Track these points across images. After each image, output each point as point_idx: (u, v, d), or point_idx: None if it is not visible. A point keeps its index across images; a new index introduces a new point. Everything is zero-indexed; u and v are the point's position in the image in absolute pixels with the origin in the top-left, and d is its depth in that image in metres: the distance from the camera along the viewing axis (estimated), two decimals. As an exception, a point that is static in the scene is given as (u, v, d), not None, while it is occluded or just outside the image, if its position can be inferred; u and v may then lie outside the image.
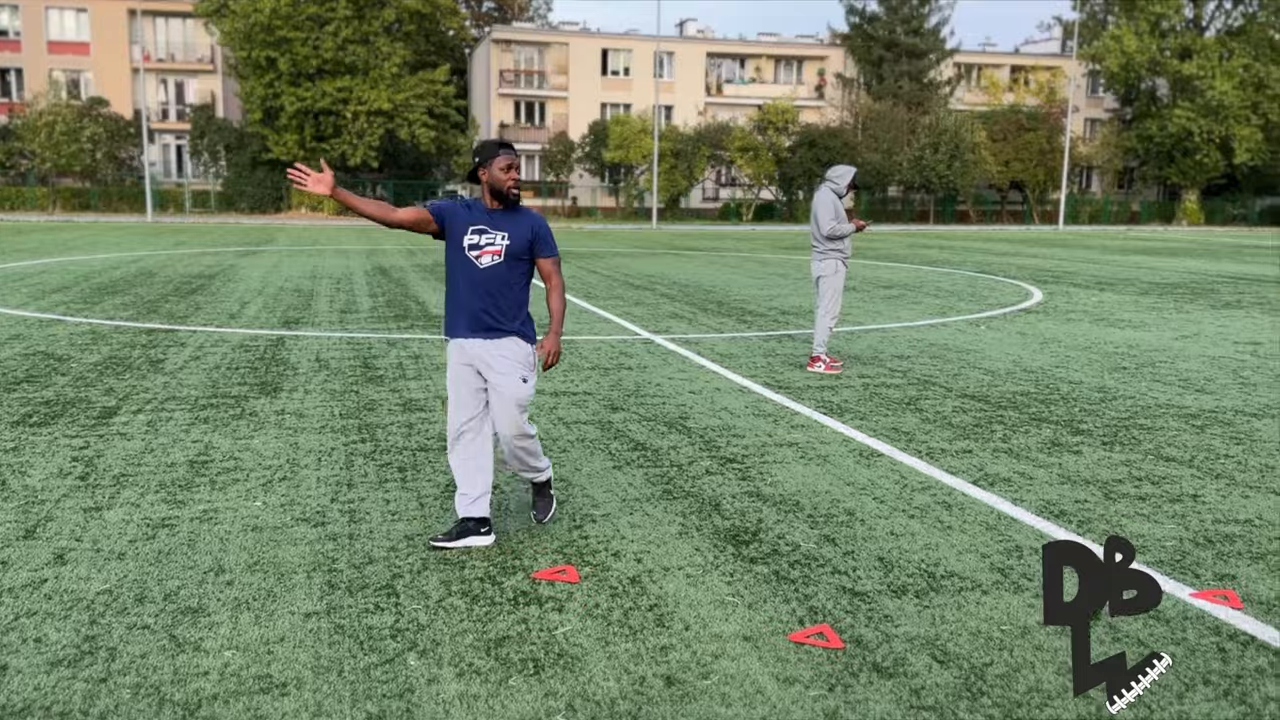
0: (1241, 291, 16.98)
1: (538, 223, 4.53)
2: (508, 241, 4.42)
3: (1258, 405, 7.59)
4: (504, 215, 4.47)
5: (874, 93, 59.78)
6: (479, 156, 4.45)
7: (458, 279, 4.46)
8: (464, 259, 4.43)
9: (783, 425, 6.79)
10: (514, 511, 4.94)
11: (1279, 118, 54.28)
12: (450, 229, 4.46)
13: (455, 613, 3.77)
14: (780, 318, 12.70)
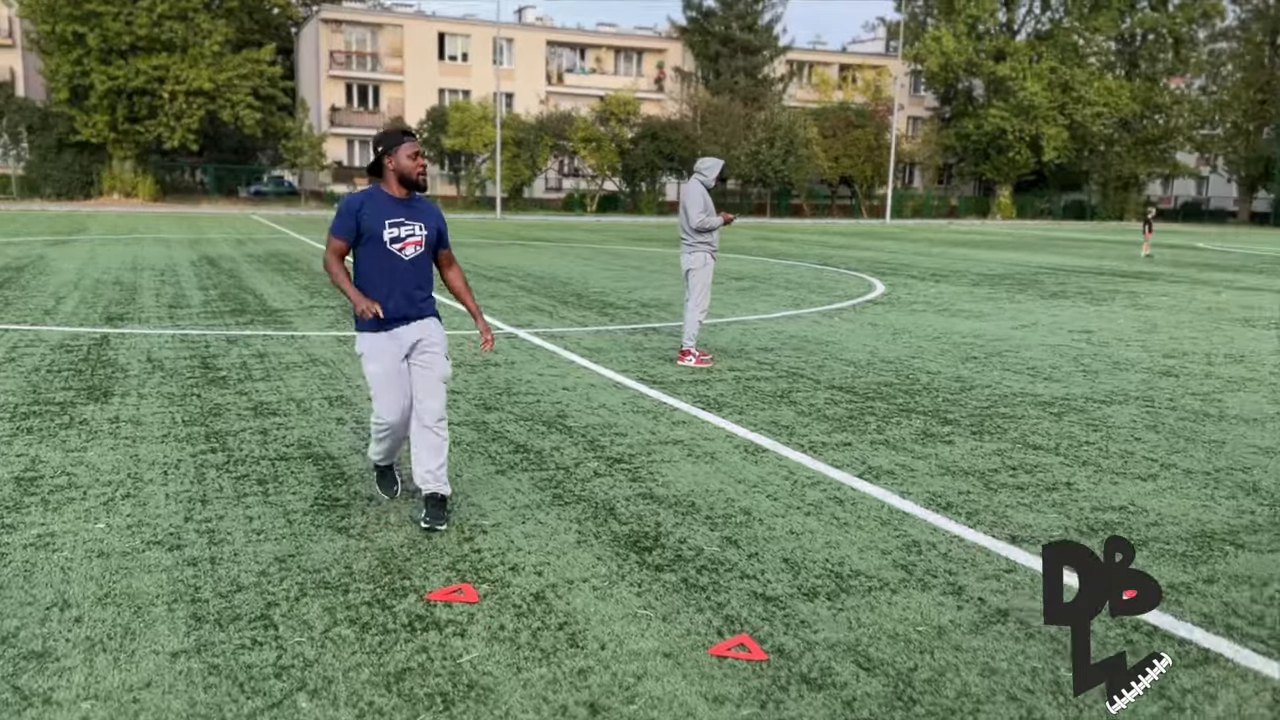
0: (1063, 282, 18.07)
1: (438, 213, 4.68)
2: (426, 232, 4.58)
3: (1104, 392, 7.98)
4: (413, 205, 4.57)
5: (712, 87, 60.80)
6: (382, 145, 4.52)
7: (378, 271, 4.48)
8: (386, 252, 4.48)
9: (664, 422, 6.64)
10: (395, 525, 4.58)
11: (1082, 118, 58.39)
12: (365, 226, 4.45)
13: (345, 644, 3.42)
14: (642, 310, 12.60)
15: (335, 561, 4.14)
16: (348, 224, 4.46)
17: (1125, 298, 15.52)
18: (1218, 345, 10.65)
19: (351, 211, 4.46)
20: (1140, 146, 62.72)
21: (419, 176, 4.50)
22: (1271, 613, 3.81)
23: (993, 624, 3.69)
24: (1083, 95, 58.16)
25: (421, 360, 4.57)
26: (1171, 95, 63.02)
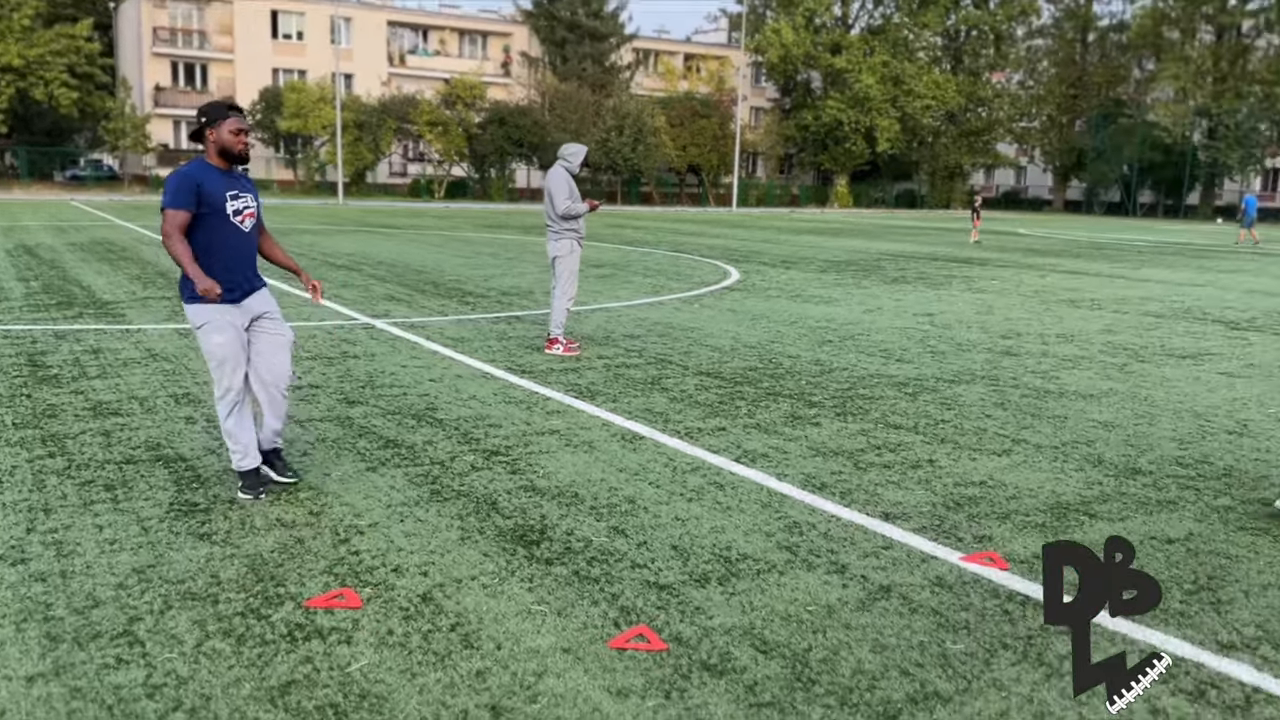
0: (903, 268, 18.88)
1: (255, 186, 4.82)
2: (259, 202, 4.74)
3: (952, 372, 8.36)
4: (241, 178, 4.65)
5: (559, 73, 60.49)
6: (206, 117, 4.54)
7: (221, 244, 4.52)
8: (230, 225, 4.54)
9: (538, 412, 6.55)
10: (261, 529, 4.34)
11: (913, 110, 61.11)
12: (207, 198, 4.44)
13: (221, 658, 3.20)
14: (502, 299, 12.40)
15: (200, 570, 3.88)
16: (188, 196, 4.40)
17: (961, 282, 16.34)
18: (1049, 326, 11.34)
19: (193, 183, 4.41)
20: (965, 138, 66.17)
21: (240, 150, 4.53)
22: (1127, 577, 4.06)
23: (877, 600, 3.79)
24: (912, 88, 60.86)
25: (269, 327, 4.71)
26: (993, 89, 66.77)
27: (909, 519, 4.70)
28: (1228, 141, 57.63)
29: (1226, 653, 3.43)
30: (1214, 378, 8.46)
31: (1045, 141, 68.49)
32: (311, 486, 4.91)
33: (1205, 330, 11.35)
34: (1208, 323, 12.03)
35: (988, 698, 3.11)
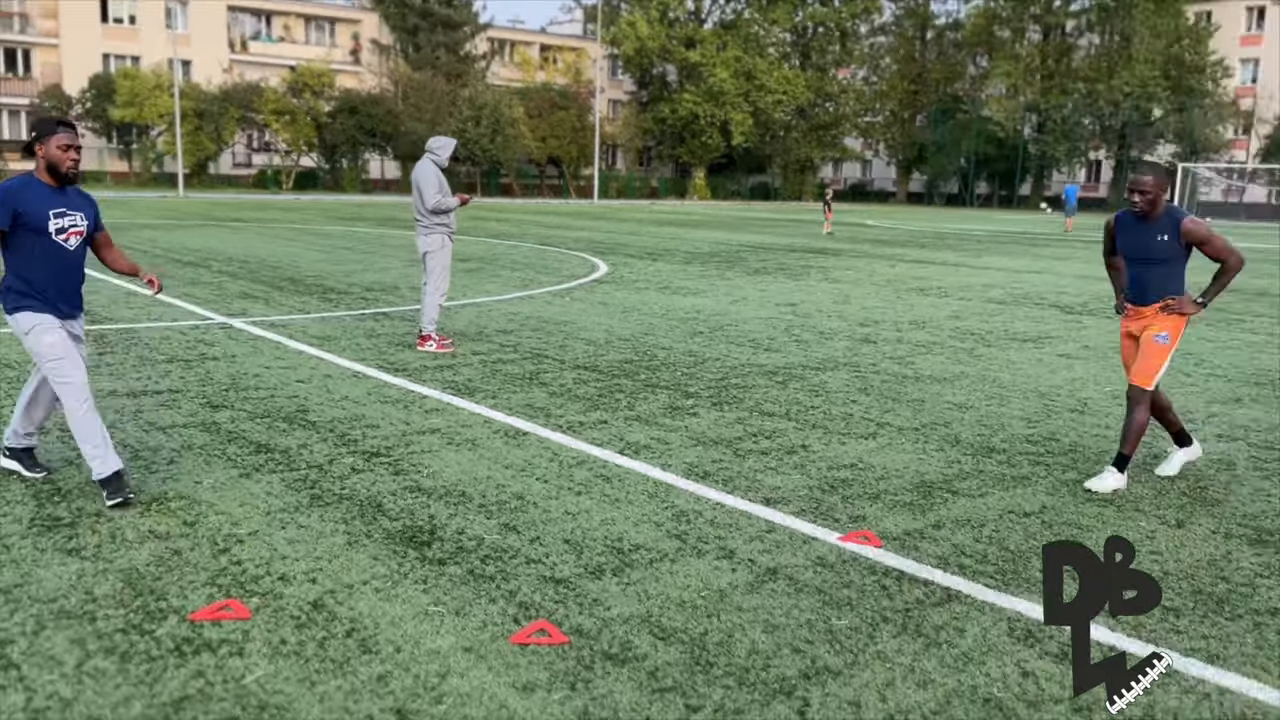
0: (764, 259, 19.40)
1: (92, 199, 4.73)
2: (87, 221, 4.61)
3: (817, 360, 8.68)
4: (70, 194, 4.56)
5: (412, 61, 59.22)
6: (36, 132, 4.48)
7: (42, 263, 4.45)
8: (51, 244, 4.47)
9: (416, 411, 6.46)
10: (133, 542, 4.15)
11: (765, 105, 62.64)
12: (26, 217, 4.37)
13: (106, 677, 3.07)
14: (367, 295, 12.12)
15: (72, 588, 3.69)
16: (3, 211, 4.33)
17: (818, 272, 16.92)
18: (902, 313, 11.90)
19: (10, 198, 4.33)
20: (814, 132, 68.31)
21: (68, 169, 4.44)
22: (993, 550, 4.35)
23: (765, 583, 3.94)
24: (764, 83, 62.41)
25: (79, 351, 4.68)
26: (839, 85, 69.15)
27: (788, 503, 4.88)
28: (1055, 135, 61.41)
29: (1082, 614, 3.72)
30: (1054, 359, 9.07)
31: (889, 136, 71.37)
32: (183, 496, 4.72)
33: (1044, 315, 12.13)
34: (1045, 307, 12.86)
35: (874, 669, 3.28)
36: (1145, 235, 5.09)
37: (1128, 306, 5.31)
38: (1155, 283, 5.14)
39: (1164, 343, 5.13)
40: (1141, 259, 5.16)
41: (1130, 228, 5.18)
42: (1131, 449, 5.19)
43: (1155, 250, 5.07)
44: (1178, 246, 5.04)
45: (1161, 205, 5.07)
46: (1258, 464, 5.82)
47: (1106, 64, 60.15)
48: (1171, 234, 5.01)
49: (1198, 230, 5.01)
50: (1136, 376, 5.17)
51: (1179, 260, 5.10)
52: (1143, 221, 5.10)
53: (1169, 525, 4.73)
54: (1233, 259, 5.08)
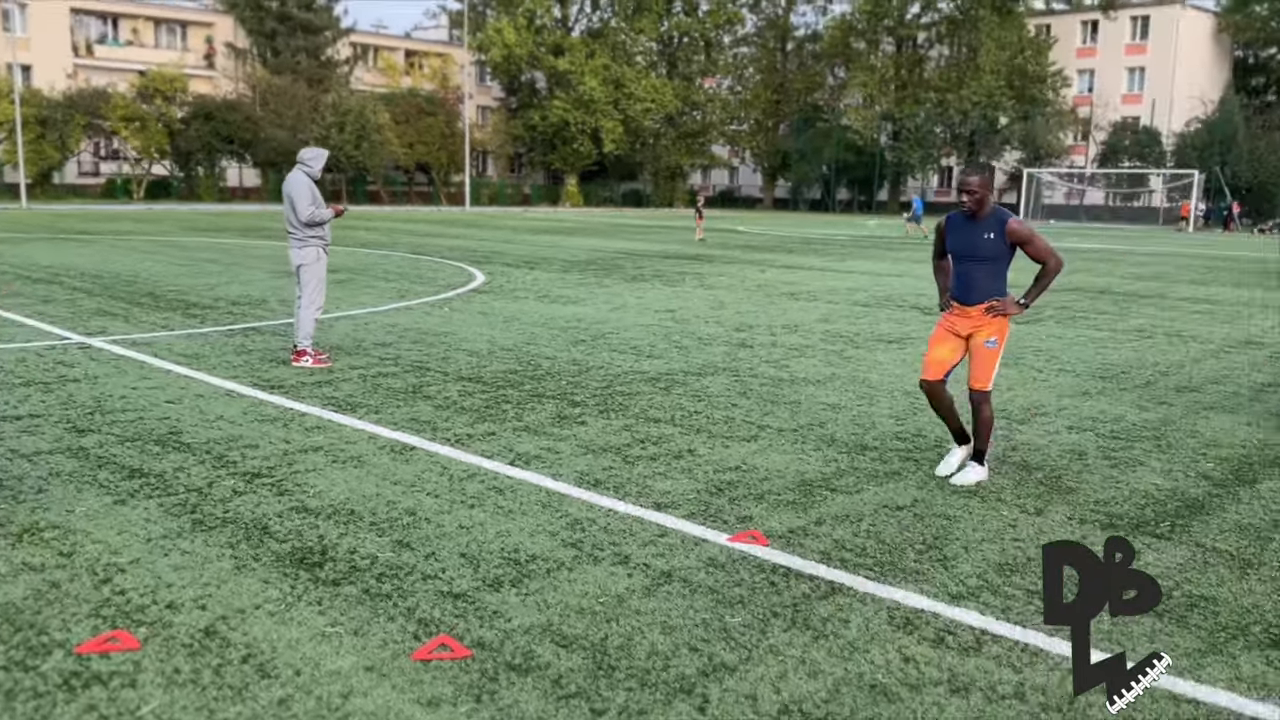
0: (640, 266, 19.64)
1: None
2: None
3: (697, 365, 8.89)
4: None
5: (271, 66, 57.43)
6: None
7: None
8: None
9: (296, 429, 6.33)
10: (6, 576, 3.97)
11: (634, 113, 63.24)
12: None
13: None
14: (234, 310, 11.73)
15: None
16: None
17: (694, 278, 17.25)
18: (775, 318, 12.27)
19: None
20: (683, 139, 69.38)
21: None
22: (870, 543, 4.59)
23: (661, 585, 4.06)
24: (633, 91, 63.04)
25: None
26: (705, 94, 70.45)
27: (679, 506, 5.02)
28: (909, 143, 64.10)
29: (957, 602, 3.98)
30: (918, 359, 9.52)
31: (754, 144, 73.09)
32: (55, 525, 4.52)
33: (905, 316, 12.70)
34: (907, 309, 13.46)
35: (768, 663, 3.44)
36: (973, 234, 5.31)
37: (954, 304, 5.51)
38: (980, 281, 5.36)
39: (994, 347, 5.41)
40: (969, 257, 5.36)
41: (959, 227, 5.39)
42: (986, 441, 5.54)
43: (982, 248, 5.29)
44: (1003, 245, 5.27)
45: (988, 205, 5.29)
46: (1106, 453, 6.28)
47: (956, 75, 63.14)
48: (997, 233, 5.25)
49: (1021, 230, 5.27)
50: (976, 381, 5.45)
51: (1004, 259, 5.34)
52: (971, 221, 5.33)
53: (1028, 513, 5.08)
54: (1053, 260, 5.37)
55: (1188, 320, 12.99)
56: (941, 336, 5.54)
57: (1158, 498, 5.39)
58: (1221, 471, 5.92)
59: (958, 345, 5.52)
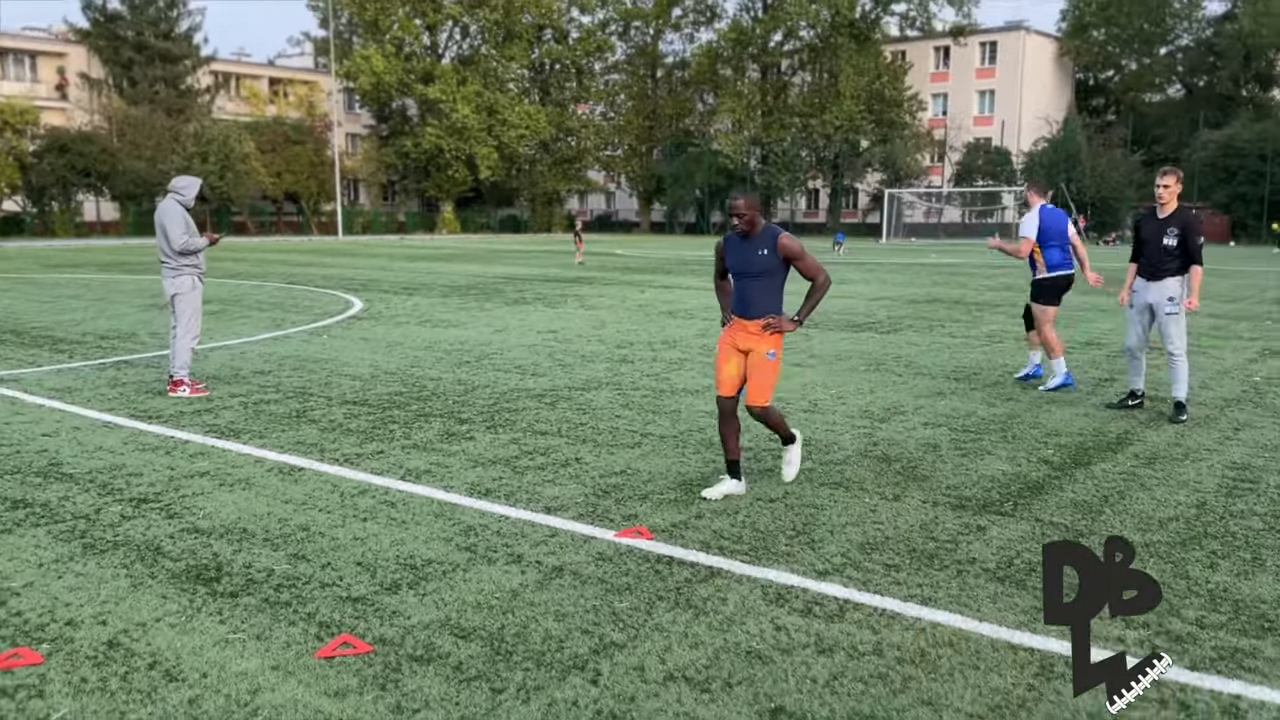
0: (521, 290, 19.83)
1: None
2: None
3: (581, 381, 9.18)
4: None
5: (128, 96, 55.38)
6: None
7: None
8: None
9: (180, 456, 6.33)
10: (-111, 608, 3.94)
11: (509, 140, 63.38)
12: None
13: (-111, 741, 2.98)
14: (103, 344, 11.43)
15: None
16: None
17: (575, 300, 17.55)
18: (654, 335, 12.67)
19: None
20: (558, 165, 69.91)
21: None
22: (746, 532, 4.94)
23: (553, 579, 4.31)
24: (506, 118, 63.21)
25: None
26: (579, 120, 71.23)
27: (568, 509, 5.28)
28: (777, 167, 66.13)
29: (823, 578, 4.36)
30: (787, 368, 10.03)
31: (629, 169, 74.20)
32: (-64, 558, 4.48)
33: (778, 330, 13.27)
34: (779, 323, 14.05)
35: (654, 639, 3.73)
36: (748, 252, 5.47)
37: (734, 318, 5.60)
38: (757, 296, 5.49)
39: (773, 359, 5.51)
40: (745, 274, 5.50)
41: (736, 247, 5.54)
42: (787, 430, 5.75)
43: (756, 264, 5.45)
44: (776, 260, 5.44)
45: (759, 224, 5.45)
46: (957, 444, 6.84)
47: (818, 100, 65.58)
48: (770, 249, 5.42)
49: (792, 246, 5.43)
50: (755, 398, 5.50)
51: (778, 274, 5.50)
52: (745, 240, 5.49)
53: (887, 499, 5.53)
54: (821, 277, 5.58)
55: (1034, 325, 13.96)
56: (725, 353, 5.62)
57: (1002, 481, 5.93)
58: (1060, 457, 6.52)
59: (742, 360, 5.59)
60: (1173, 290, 7.65)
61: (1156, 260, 7.70)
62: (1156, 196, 7.73)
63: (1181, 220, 7.63)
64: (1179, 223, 7.61)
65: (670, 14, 71.58)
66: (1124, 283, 8.11)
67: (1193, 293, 7.71)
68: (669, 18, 71.75)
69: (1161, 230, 7.66)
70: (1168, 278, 7.67)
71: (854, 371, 9.89)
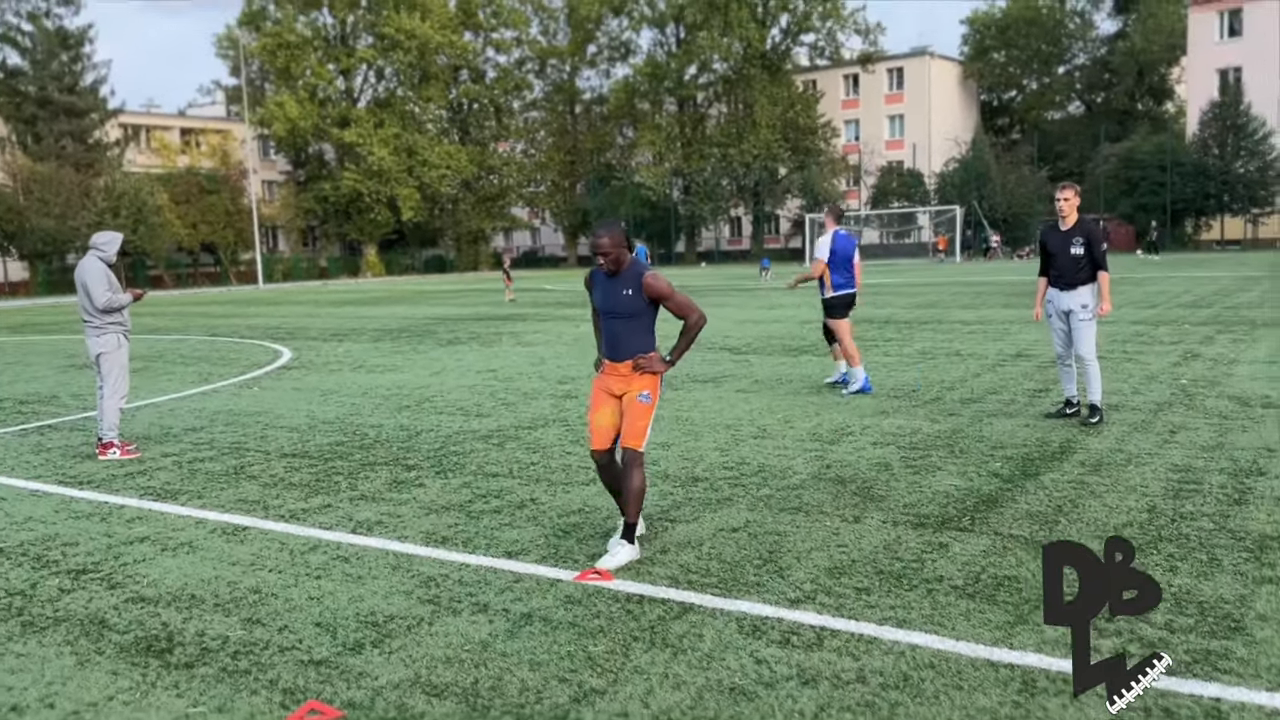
0: (454, 330, 19.60)
1: None
2: None
3: (527, 419, 9.05)
4: None
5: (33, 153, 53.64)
6: None
7: None
8: None
9: (116, 522, 6.05)
10: None
11: (430, 180, 63.01)
12: None
13: None
14: (22, 409, 10.94)
15: None
16: None
17: (510, 337, 17.40)
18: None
19: None
20: (482, 204, 69.66)
21: None
22: (713, 564, 4.89)
23: (523, 627, 4.19)
24: (427, 159, 62.88)
25: None
26: (500, 158, 71.22)
27: (529, 552, 5.16)
28: (700, 196, 66.89)
29: (796, 606, 4.32)
30: (733, 395, 10.06)
31: (553, 204, 74.34)
32: None
33: (717, 357, 13.32)
34: (717, 350, 14.12)
35: (634, 682, 3.64)
36: (613, 290, 5.07)
37: (605, 362, 5.24)
38: (625, 337, 5.09)
39: (646, 402, 5.12)
40: (611, 313, 5.11)
41: (601, 284, 5.15)
42: (635, 514, 5.02)
43: (622, 305, 5.05)
44: (641, 302, 5.03)
45: (625, 260, 5.03)
46: (908, 462, 6.89)
47: (736, 130, 66.61)
48: (635, 289, 5.00)
49: (657, 285, 5.01)
50: (628, 439, 5.08)
51: (646, 314, 5.09)
52: (612, 278, 5.08)
53: (848, 521, 5.53)
54: (694, 316, 5.15)
55: (964, 340, 14.26)
56: (600, 399, 5.24)
57: (957, 496, 5.98)
58: (1009, 469, 6.61)
59: (616, 406, 5.21)
60: (1085, 298, 7.99)
61: (1069, 271, 8.01)
62: (1058, 210, 8.07)
63: (1084, 229, 7.99)
64: (1082, 232, 7.98)
65: (585, 51, 72.23)
66: (1035, 297, 8.43)
67: (1104, 298, 8.03)
68: (584, 55, 72.40)
69: (1067, 241, 8.00)
70: (1080, 286, 7.99)
71: (797, 394, 9.94)
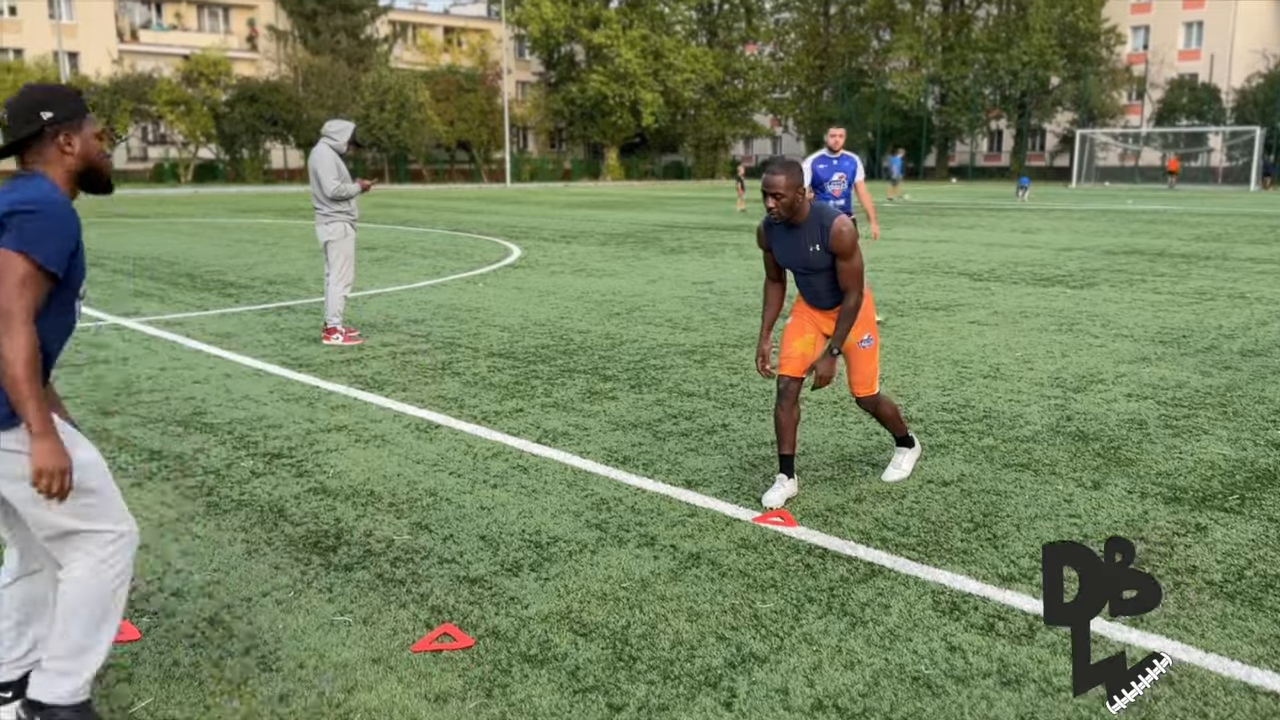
0: (679, 238, 19.32)
1: None
2: None
3: (735, 337, 8.61)
4: None
5: (311, 47, 57.57)
6: (53, 111, 2.56)
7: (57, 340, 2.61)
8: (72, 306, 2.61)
9: (322, 408, 6.19)
10: (12, 564, 3.85)
11: (674, 84, 62.51)
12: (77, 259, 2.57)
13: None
14: (269, 289, 11.67)
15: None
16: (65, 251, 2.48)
17: (733, 249, 16.90)
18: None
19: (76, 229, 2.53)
20: (724, 110, 68.44)
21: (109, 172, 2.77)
22: (914, 522, 4.31)
23: (688, 569, 3.83)
24: (672, 62, 62.22)
25: None
26: (747, 62, 69.37)
27: (710, 484, 4.78)
28: (957, 106, 62.61)
29: (1008, 584, 3.70)
30: (965, 327, 9.16)
31: (797, 111, 71.92)
32: (67, 511, 4.40)
33: (953, 284, 12.28)
34: (954, 275, 13.03)
35: (800, 653, 3.20)
36: (797, 244, 4.40)
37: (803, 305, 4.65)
38: (828, 287, 4.46)
39: (869, 346, 4.58)
40: (804, 270, 4.46)
41: (781, 238, 4.45)
42: (903, 427, 4.82)
43: (813, 261, 4.38)
44: (831, 257, 4.35)
45: (801, 209, 4.30)
46: (1167, 421, 5.92)
47: (1005, 34, 61.43)
48: (822, 243, 4.33)
49: (842, 240, 4.28)
50: (861, 388, 4.63)
51: None
52: (791, 229, 4.39)
53: (1085, 487, 4.76)
54: (853, 296, 4.37)
55: (1251, 281, 12.41)
56: (801, 326, 4.60)
57: (1225, 469, 5.04)
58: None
59: (816, 338, 4.58)
60: None
61: None
62: None
63: None
64: None
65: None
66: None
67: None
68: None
69: None
70: None
71: (1042, 332, 8.91)
